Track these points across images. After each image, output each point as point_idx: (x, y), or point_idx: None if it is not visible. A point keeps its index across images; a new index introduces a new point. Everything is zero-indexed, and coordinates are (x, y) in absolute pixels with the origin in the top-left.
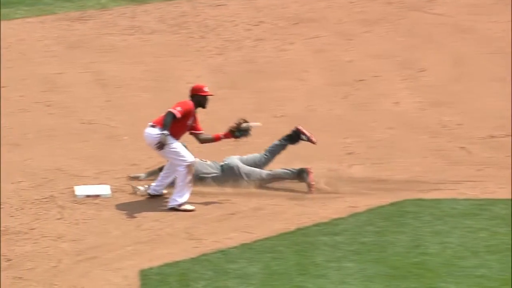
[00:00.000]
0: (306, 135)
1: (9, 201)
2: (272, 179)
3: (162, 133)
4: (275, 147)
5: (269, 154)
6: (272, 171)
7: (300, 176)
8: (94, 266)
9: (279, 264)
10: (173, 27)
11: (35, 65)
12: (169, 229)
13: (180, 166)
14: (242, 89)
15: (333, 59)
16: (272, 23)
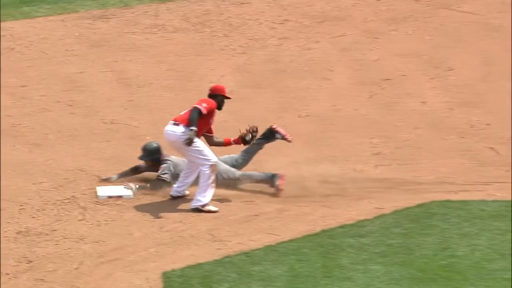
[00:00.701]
0: (281, 133)
1: (31, 202)
2: (246, 179)
3: (191, 129)
4: (252, 147)
5: (246, 155)
6: (246, 173)
7: (271, 180)
8: (116, 268)
9: (304, 266)
10: (197, 25)
11: (56, 64)
12: (192, 231)
13: (203, 166)
14: (266, 88)
15: (359, 58)
16: (297, 21)
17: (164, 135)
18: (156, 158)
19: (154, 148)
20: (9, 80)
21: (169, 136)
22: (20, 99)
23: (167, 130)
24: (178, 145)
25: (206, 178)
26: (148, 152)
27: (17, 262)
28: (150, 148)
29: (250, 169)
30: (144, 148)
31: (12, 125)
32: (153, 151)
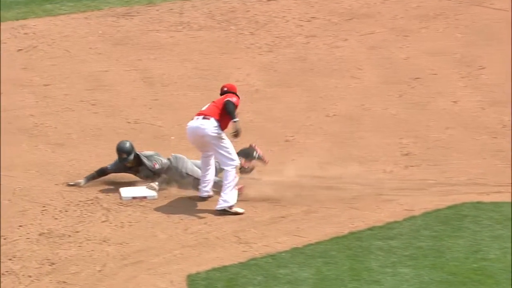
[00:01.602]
0: (259, 154)
1: (53, 203)
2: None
3: (235, 121)
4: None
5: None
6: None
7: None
8: (140, 270)
9: (331, 269)
10: (222, 23)
11: (79, 63)
12: (217, 233)
13: (227, 166)
14: (293, 87)
15: (388, 56)
16: (325, 18)
17: (192, 130)
18: (136, 154)
19: (130, 144)
20: (32, 78)
21: (199, 131)
22: (43, 98)
23: (197, 125)
24: (208, 140)
25: (231, 179)
26: (130, 150)
27: (40, 264)
28: (128, 146)
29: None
30: (123, 148)
31: (34, 124)
32: (132, 147)
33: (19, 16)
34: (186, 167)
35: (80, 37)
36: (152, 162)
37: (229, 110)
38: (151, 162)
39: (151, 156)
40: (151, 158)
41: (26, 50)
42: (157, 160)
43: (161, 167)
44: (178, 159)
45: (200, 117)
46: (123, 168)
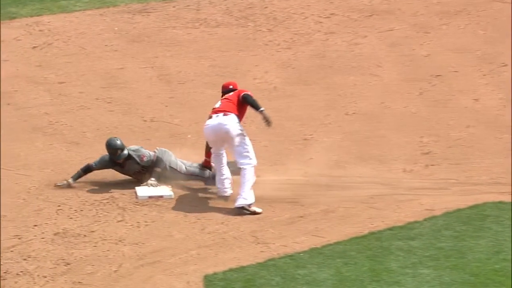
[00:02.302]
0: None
1: (68, 202)
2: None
3: (262, 110)
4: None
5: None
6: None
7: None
8: (156, 271)
9: (351, 270)
10: (240, 19)
11: (95, 60)
12: (234, 233)
13: (246, 165)
14: (312, 85)
15: (408, 53)
16: (344, 15)
17: (214, 127)
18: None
19: (120, 140)
20: (47, 76)
21: (222, 128)
22: (58, 96)
23: (219, 122)
24: (232, 136)
25: (249, 177)
26: (123, 146)
27: (55, 265)
28: (120, 142)
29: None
30: (117, 145)
31: (49, 122)
32: (123, 143)
33: (34, 13)
34: (170, 160)
35: (95, 34)
36: (140, 155)
37: (251, 102)
38: (139, 156)
39: (137, 150)
40: (138, 152)
41: (41, 47)
42: (145, 153)
43: (149, 159)
44: (163, 152)
45: (219, 114)
46: (109, 165)
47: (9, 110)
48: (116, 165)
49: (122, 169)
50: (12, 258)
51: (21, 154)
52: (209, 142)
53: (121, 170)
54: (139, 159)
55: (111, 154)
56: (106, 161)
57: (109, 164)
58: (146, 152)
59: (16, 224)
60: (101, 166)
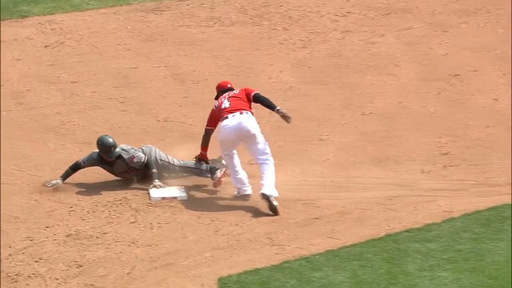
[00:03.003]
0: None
1: (81, 203)
2: (184, 170)
3: (279, 109)
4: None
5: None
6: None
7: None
8: (169, 273)
9: (367, 272)
10: (255, 18)
11: (108, 59)
12: (249, 234)
13: (270, 159)
14: (328, 84)
15: (426, 52)
16: (361, 13)
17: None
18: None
19: (113, 139)
20: (59, 75)
21: (243, 127)
22: (70, 96)
23: (239, 121)
24: (254, 133)
25: (273, 170)
26: (115, 143)
27: (67, 267)
28: (112, 139)
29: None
30: (110, 142)
31: (61, 122)
32: (115, 142)
33: (46, 11)
34: (160, 154)
35: (108, 32)
36: (130, 156)
37: (265, 102)
38: (129, 157)
39: (128, 151)
40: (129, 153)
41: (53, 46)
42: (136, 154)
43: (138, 161)
44: (151, 149)
45: (235, 113)
46: (97, 163)
47: (21, 110)
48: (104, 163)
49: (111, 168)
50: (24, 260)
51: (33, 155)
52: (225, 143)
53: (109, 169)
54: (128, 160)
55: (104, 152)
56: (95, 159)
57: (97, 162)
58: (137, 154)
59: (28, 225)
60: (89, 164)
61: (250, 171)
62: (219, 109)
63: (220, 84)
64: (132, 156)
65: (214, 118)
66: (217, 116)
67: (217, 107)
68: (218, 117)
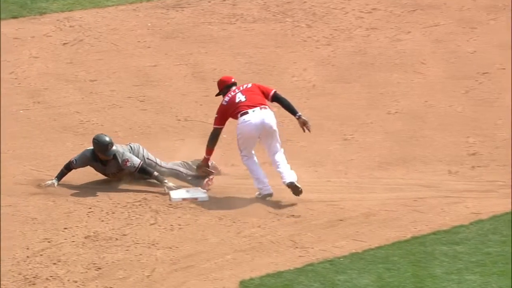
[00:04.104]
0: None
1: (100, 204)
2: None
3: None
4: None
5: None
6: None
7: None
8: (190, 276)
9: (393, 275)
10: (278, 15)
11: (127, 57)
12: (271, 236)
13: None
14: (352, 83)
15: (454, 49)
16: (387, 10)
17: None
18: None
19: (109, 137)
20: (78, 74)
21: (266, 123)
22: (89, 95)
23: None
24: (274, 130)
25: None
26: (112, 142)
27: (85, 269)
28: (108, 138)
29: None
30: (107, 141)
31: (80, 121)
32: (111, 140)
33: (65, 8)
34: (147, 153)
35: (128, 30)
36: (124, 159)
37: (287, 105)
38: (123, 160)
39: (123, 153)
40: (124, 155)
41: (71, 43)
42: (130, 159)
43: (131, 165)
44: (138, 147)
45: (255, 108)
46: (90, 162)
47: (39, 109)
48: (98, 161)
49: (104, 167)
50: (42, 262)
51: (51, 155)
52: (245, 140)
53: (101, 168)
54: (121, 162)
55: (100, 151)
56: (88, 157)
57: (90, 161)
58: (132, 158)
59: (46, 227)
60: (81, 163)
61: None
62: (232, 103)
63: (223, 79)
64: (126, 160)
65: (225, 114)
66: (230, 111)
67: (229, 102)
68: (232, 112)
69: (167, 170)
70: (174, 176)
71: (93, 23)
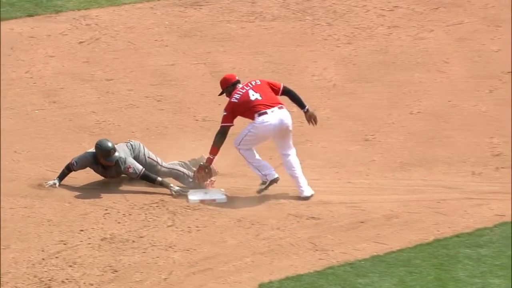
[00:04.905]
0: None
1: (116, 206)
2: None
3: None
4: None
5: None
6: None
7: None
8: (208, 278)
9: (415, 279)
10: (297, 13)
11: (144, 56)
12: (291, 239)
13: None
14: (373, 82)
15: (478, 48)
16: (409, 8)
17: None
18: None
19: (112, 143)
20: (94, 73)
21: (284, 123)
22: (105, 94)
23: (282, 117)
24: (290, 129)
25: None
26: (115, 148)
27: (102, 272)
28: (111, 143)
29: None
30: (110, 146)
31: (96, 122)
32: (114, 145)
33: (81, 6)
34: (148, 152)
35: (145, 28)
36: (126, 166)
37: (296, 96)
38: (125, 166)
39: (125, 160)
40: (126, 162)
41: (88, 42)
42: (132, 165)
43: (134, 172)
44: (138, 145)
45: (274, 108)
46: (90, 165)
47: (54, 108)
48: (98, 165)
49: (104, 170)
50: (57, 264)
51: (67, 155)
52: (257, 139)
53: (102, 171)
54: (123, 169)
55: (103, 157)
56: (89, 160)
57: (91, 164)
58: (135, 165)
59: (62, 229)
60: (81, 166)
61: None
62: (246, 101)
63: (227, 78)
64: (128, 166)
65: (236, 112)
66: (242, 109)
67: (241, 99)
68: (245, 111)
69: (168, 170)
70: (174, 177)
71: (109, 22)
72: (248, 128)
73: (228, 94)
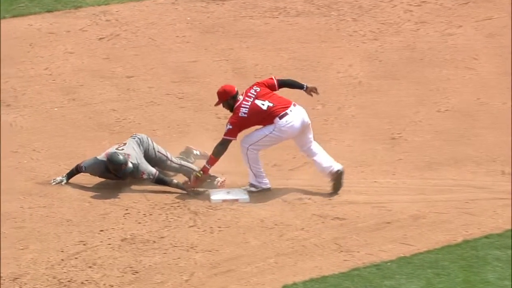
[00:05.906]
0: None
1: (136, 206)
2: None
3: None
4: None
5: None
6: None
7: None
8: (230, 280)
9: (443, 281)
10: (322, 8)
11: (165, 52)
12: (315, 239)
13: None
14: (400, 79)
15: (508, 44)
16: (437, 3)
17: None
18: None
19: (123, 156)
20: (114, 70)
21: (305, 121)
22: (125, 91)
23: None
24: (309, 122)
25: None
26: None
27: (122, 273)
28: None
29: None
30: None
31: (117, 119)
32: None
33: (101, 1)
34: (158, 146)
35: (166, 24)
36: (140, 172)
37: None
38: (138, 173)
39: (138, 166)
40: (138, 168)
41: (108, 38)
42: (145, 170)
43: (147, 177)
44: (147, 139)
45: (291, 107)
46: (103, 173)
47: (73, 106)
48: (111, 173)
49: (118, 177)
50: (77, 265)
51: (86, 154)
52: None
53: (116, 178)
54: (137, 176)
55: (115, 170)
56: (101, 169)
57: (102, 173)
58: (148, 169)
59: (81, 229)
60: (91, 171)
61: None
62: (258, 112)
63: (228, 90)
64: (142, 172)
65: (244, 126)
66: (256, 120)
67: (252, 113)
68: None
69: (178, 166)
70: (184, 173)
71: (130, 17)
72: (269, 130)
73: (227, 106)
